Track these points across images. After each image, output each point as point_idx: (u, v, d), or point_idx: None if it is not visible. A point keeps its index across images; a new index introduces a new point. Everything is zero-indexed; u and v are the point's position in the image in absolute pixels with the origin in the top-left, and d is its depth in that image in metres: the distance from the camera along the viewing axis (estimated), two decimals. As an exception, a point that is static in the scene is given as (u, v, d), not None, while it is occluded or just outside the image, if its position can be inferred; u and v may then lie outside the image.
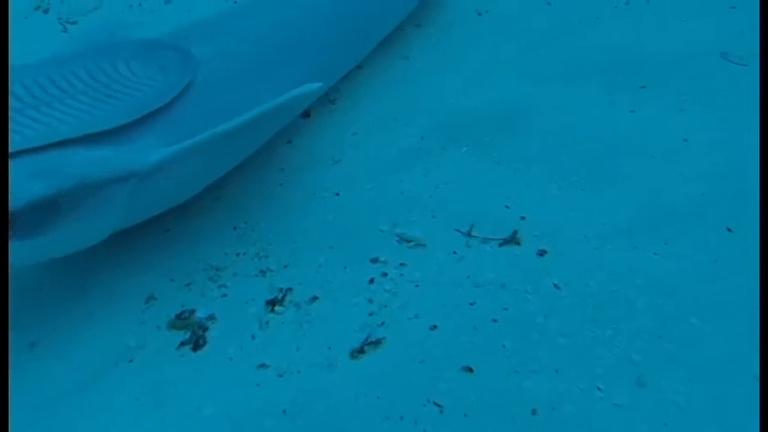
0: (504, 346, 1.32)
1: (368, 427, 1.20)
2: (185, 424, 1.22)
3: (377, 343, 1.34)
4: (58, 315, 1.42)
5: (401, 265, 1.49)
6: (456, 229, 1.55)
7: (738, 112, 1.73)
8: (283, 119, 1.60)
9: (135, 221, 1.39)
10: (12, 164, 1.16)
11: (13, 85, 1.30)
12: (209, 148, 1.37)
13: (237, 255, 1.53)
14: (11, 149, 1.16)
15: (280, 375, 1.30)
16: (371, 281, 1.46)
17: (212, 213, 1.61)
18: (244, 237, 1.57)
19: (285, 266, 1.50)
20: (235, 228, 1.59)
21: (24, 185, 1.16)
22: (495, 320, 1.36)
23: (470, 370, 1.28)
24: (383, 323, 1.37)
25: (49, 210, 1.19)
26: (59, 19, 2.31)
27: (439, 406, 1.23)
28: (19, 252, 1.20)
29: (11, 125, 1.22)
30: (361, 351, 1.33)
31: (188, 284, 1.47)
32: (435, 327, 1.36)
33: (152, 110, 1.34)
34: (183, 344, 1.36)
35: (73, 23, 2.24)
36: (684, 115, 1.76)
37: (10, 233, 1.15)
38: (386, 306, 1.41)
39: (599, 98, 1.87)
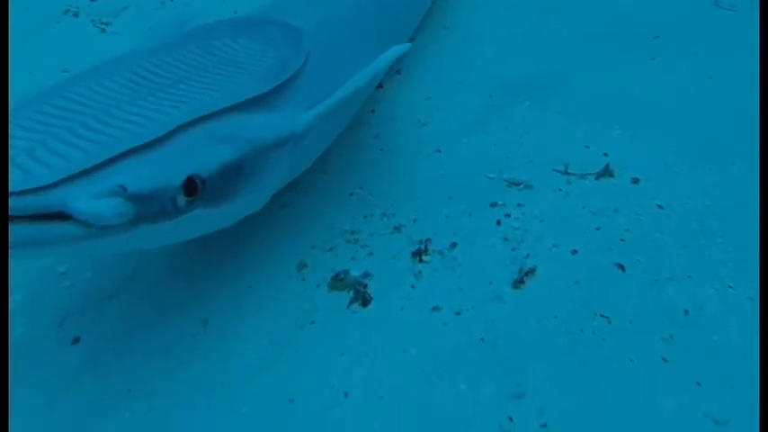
0: (639, 261, 1.47)
1: (557, 342, 1.31)
2: (397, 367, 1.28)
3: (531, 272, 1.45)
4: (221, 291, 1.43)
5: (519, 205, 1.61)
6: (554, 170, 1.69)
7: (736, 53, 2.00)
8: (375, 84, 1.67)
9: (281, 186, 1.43)
10: (187, 134, 1.16)
11: (136, 69, 1.29)
12: (335, 111, 1.43)
13: (365, 217, 1.59)
14: (177, 123, 1.14)
15: (458, 313, 1.38)
16: (498, 222, 1.57)
17: (324, 185, 1.66)
18: (364, 201, 1.63)
19: (414, 221, 1.58)
20: (351, 194, 1.65)
21: (213, 151, 1.16)
22: (623, 240, 1.51)
23: (620, 284, 1.42)
24: (528, 255, 1.48)
25: (234, 174, 1.21)
26: (92, 21, 2.24)
27: (606, 317, 1.37)
28: (201, 221, 1.20)
29: (154, 104, 1.21)
30: (520, 281, 1.43)
31: (330, 249, 1.52)
32: (576, 251, 1.49)
33: (286, 77, 1.37)
34: (351, 302, 1.40)
35: (107, 24, 2.17)
36: (698, 58, 2.01)
37: (197, 201, 1.15)
38: (522, 241, 1.52)
39: (623, 52, 2.08)
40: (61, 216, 0.98)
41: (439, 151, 1.73)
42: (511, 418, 1.19)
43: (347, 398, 1.23)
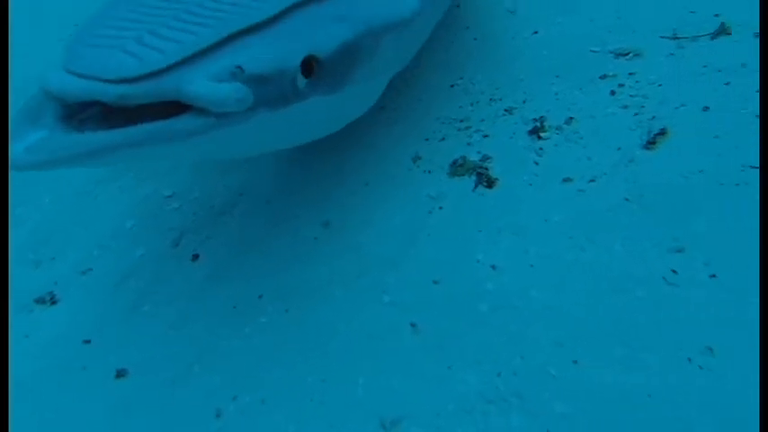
0: (776, 112, 1.34)
1: (711, 193, 1.21)
2: (542, 236, 1.19)
3: (662, 133, 1.34)
4: (337, 193, 1.36)
5: (630, 74, 1.50)
6: (661, 36, 1.57)
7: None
8: None
9: (387, 80, 1.34)
10: (302, 13, 1.07)
11: None
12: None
13: (472, 105, 1.50)
14: (292, 1, 1.04)
15: (591, 180, 1.28)
16: (612, 92, 1.46)
17: (422, 82, 1.58)
18: (468, 90, 1.54)
19: (524, 102, 1.48)
20: (453, 86, 1.56)
21: (330, 30, 1.07)
22: (758, 91, 1.38)
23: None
24: (654, 117, 1.37)
25: (350, 57, 1.12)
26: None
27: (756, 168, 1.24)
28: (316, 111, 1.12)
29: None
30: (652, 142, 1.32)
31: (443, 139, 1.44)
32: (707, 108, 1.37)
33: None
34: (476, 185, 1.32)
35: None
36: None
37: (315, 83, 1.06)
38: (643, 106, 1.41)
39: None
40: (176, 108, 0.89)
41: (536, 32, 1.63)
42: (674, 272, 1.08)
43: (496, 270, 1.15)
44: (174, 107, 0.89)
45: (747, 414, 0.89)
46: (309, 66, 1.01)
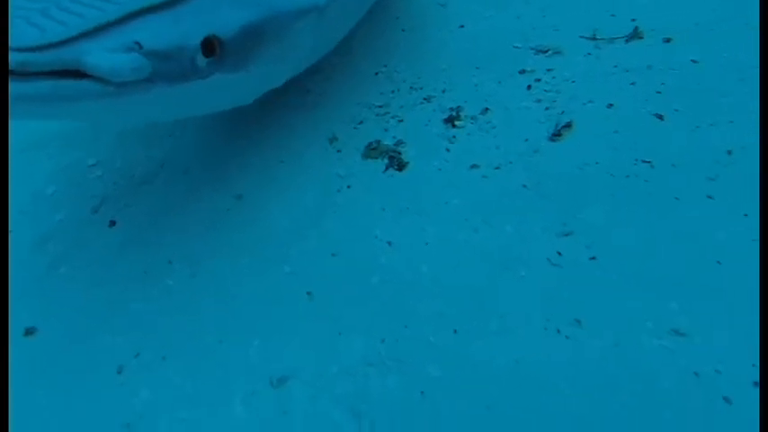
0: (677, 110, 1.43)
1: (601, 186, 1.28)
2: (440, 216, 1.26)
3: (568, 126, 1.41)
4: (252, 169, 1.41)
5: (548, 70, 1.57)
6: (581, 36, 1.65)
7: None
8: None
9: (308, 64, 1.39)
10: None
11: None
12: None
13: (393, 92, 1.56)
14: None
15: (497, 168, 1.35)
16: (529, 87, 1.53)
17: (348, 68, 1.64)
18: (391, 77, 1.60)
19: (443, 91, 1.54)
20: (377, 73, 1.62)
21: (233, 13, 1.13)
22: (659, 93, 1.47)
23: (659, 131, 1.38)
24: (563, 112, 1.45)
25: (255, 40, 1.17)
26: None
27: (648, 162, 1.33)
28: (220, 88, 1.16)
29: None
30: (557, 134, 1.40)
31: (361, 123, 1.49)
32: (612, 105, 1.45)
33: None
34: (387, 167, 1.38)
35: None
36: None
37: (216, 64, 1.11)
38: (555, 101, 1.49)
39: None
40: (78, 74, 0.94)
41: (462, 26, 1.69)
42: (559, 253, 1.15)
43: (392, 246, 1.21)
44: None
45: (606, 379, 0.97)
46: (211, 45, 1.07)
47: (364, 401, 0.99)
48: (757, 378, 0.96)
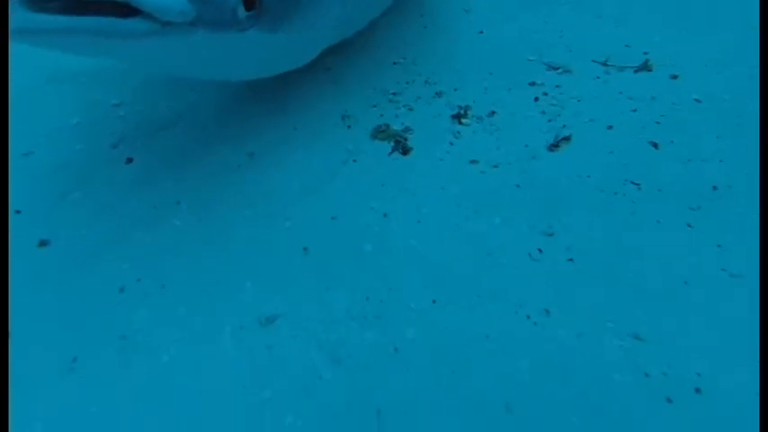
0: (672, 142, 1.52)
1: (589, 197, 1.37)
2: (435, 199, 1.34)
3: (567, 139, 1.50)
4: (267, 130, 1.50)
5: (557, 86, 1.66)
6: (593, 60, 1.74)
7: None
8: None
9: (333, 41, 1.48)
10: None
11: None
12: None
13: (407, 83, 1.65)
14: None
15: (495, 166, 1.44)
16: (536, 99, 1.62)
17: (369, 54, 1.72)
18: (407, 69, 1.69)
19: (455, 90, 1.64)
20: (395, 63, 1.71)
21: None
22: (658, 123, 1.56)
23: (652, 158, 1.48)
24: (564, 126, 1.54)
25: (289, 2, 1.24)
26: None
27: (636, 184, 1.42)
28: (254, 47, 1.24)
29: None
30: (555, 145, 1.49)
31: (374, 106, 1.58)
32: (611, 127, 1.54)
33: None
34: (392, 150, 1.47)
35: None
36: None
37: (254, 18, 1.17)
38: (559, 115, 1.58)
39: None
40: (125, 10, 1.01)
41: (481, 32, 1.79)
42: (540, 250, 1.24)
43: (386, 218, 1.30)
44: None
45: (563, 364, 1.07)
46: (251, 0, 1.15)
47: (344, 349, 1.08)
48: (700, 386, 1.05)
